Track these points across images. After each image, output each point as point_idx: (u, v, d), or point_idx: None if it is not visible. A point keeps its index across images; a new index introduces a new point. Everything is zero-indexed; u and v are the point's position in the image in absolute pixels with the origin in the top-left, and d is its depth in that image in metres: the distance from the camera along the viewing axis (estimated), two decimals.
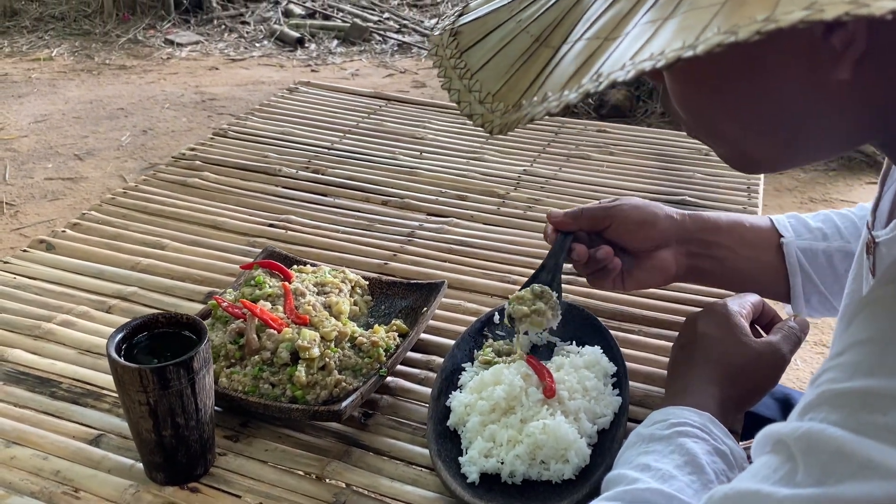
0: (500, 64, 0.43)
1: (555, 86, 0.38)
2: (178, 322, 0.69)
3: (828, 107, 0.46)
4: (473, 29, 0.49)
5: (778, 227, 0.84)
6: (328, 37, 4.76)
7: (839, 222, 0.85)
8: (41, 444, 0.73)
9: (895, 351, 0.35)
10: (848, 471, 0.32)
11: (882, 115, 0.46)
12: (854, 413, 0.34)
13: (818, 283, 0.83)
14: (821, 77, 0.44)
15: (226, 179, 1.23)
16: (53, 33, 4.70)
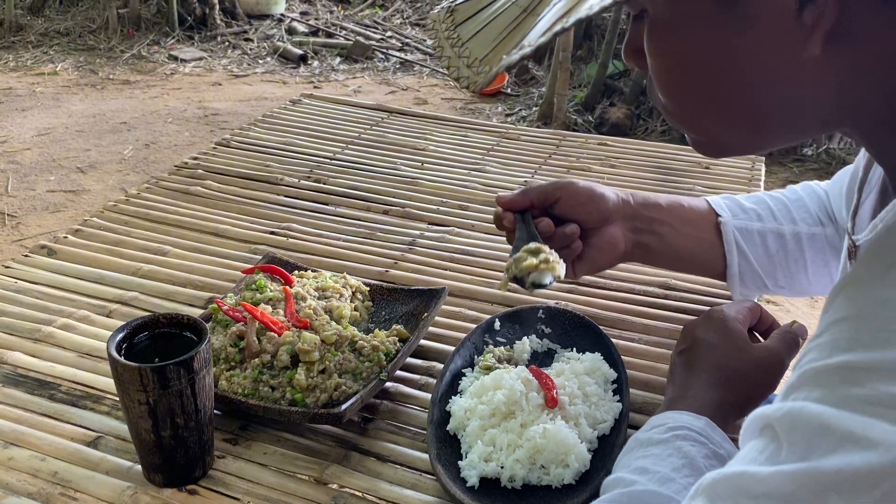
0: (490, 33, 0.46)
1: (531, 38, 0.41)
2: (179, 322, 0.69)
3: (801, 85, 0.47)
4: (469, 6, 0.51)
5: (714, 207, 0.87)
6: (331, 54, 4.79)
7: (772, 205, 0.88)
8: (39, 445, 0.73)
9: (869, 326, 0.35)
10: (830, 445, 0.33)
11: (853, 94, 0.47)
12: (834, 388, 0.35)
13: (753, 261, 0.86)
14: (794, 55, 0.46)
15: (227, 188, 1.24)
16: (58, 48, 4.73)
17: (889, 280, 0.36)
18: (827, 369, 0.36)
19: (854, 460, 0.31)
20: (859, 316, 0.36)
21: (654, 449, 0.60)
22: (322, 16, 5.40)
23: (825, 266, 0.87)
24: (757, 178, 1.30)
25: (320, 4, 5.61)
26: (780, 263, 0.87)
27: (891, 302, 0.35)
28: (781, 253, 0.86)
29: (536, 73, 4.31)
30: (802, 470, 0.33)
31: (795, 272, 0.87)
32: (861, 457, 0.31)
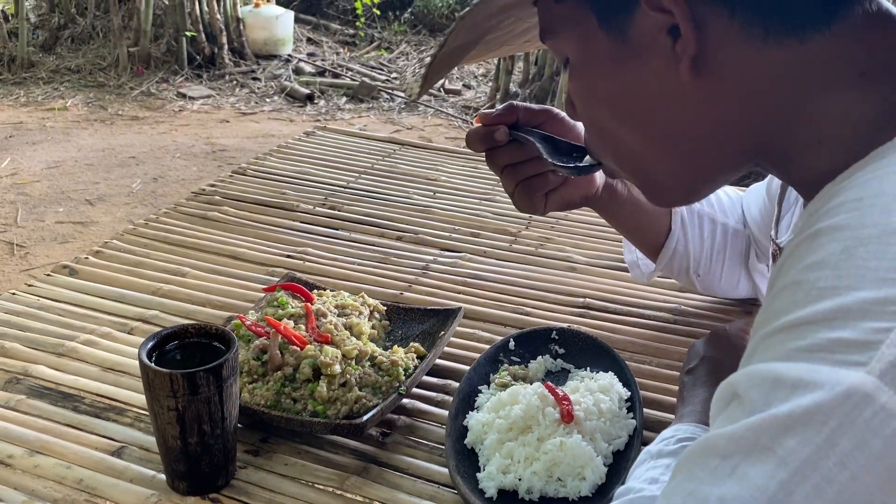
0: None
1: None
2: (207, 332, 0.71)
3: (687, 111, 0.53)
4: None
5: None
6: (337, 94, 4.87)
7: (712, 196, 0.93)
8: (64, 453, 0.74)
9: (802, 288, 0.39)
10: (784, 394, 0.36)
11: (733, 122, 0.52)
12: (781, 345, 0.38)
13: (689, 241, 0.91)
14: (675, 83, 0.51)
15: (244, 214, 1.26)
16: (68, 85, 4.81)
17: (811, 249, 0.40)
18: (773, 332, 0.39)
19: (802, 401, 0.35)
20: (793, 283, 0.40)
21: (665, 460, 0.62)
22: (328, 57, 5.51)
23: (738, 265, 0.94)
24: None
25: (327, 46, 5.72)
26: (707, 250, 0.92)
27: (815, 265, 0.39)
28: (710, 239, 0.92)
29: None
30: (761, 419, 0.36)
31: (714, 263, 0.93)
32: (809, 398, 0.34)
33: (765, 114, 0.51)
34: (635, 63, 0.52)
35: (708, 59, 0.49)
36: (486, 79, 5.19)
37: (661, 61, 0.51)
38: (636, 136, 0.56)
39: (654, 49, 0.51)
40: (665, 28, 0.50)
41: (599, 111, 0.58)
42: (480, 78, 5.30)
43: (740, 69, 0.49)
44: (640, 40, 0.52)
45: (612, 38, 0.53)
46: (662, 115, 0.54)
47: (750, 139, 0.53)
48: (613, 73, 0.54)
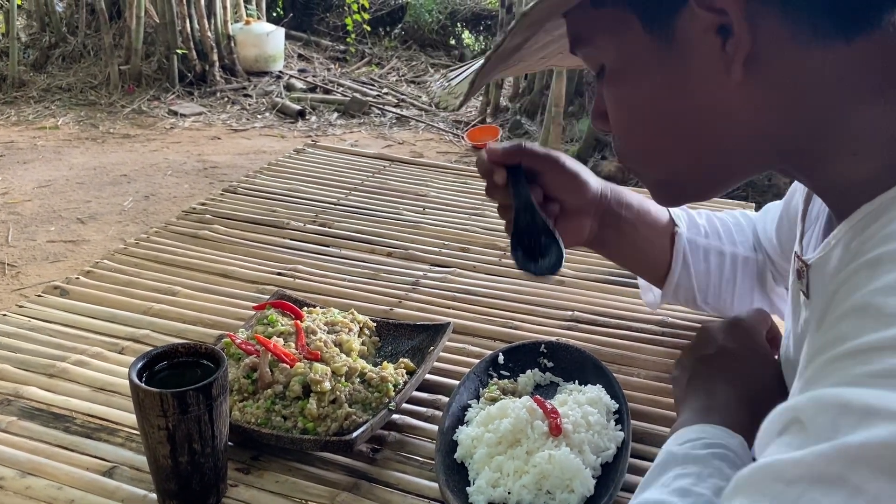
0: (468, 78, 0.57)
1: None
2: (197, 352, 0.71)
3: (736, 115, 0.52)
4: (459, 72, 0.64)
5: (674, 217, 0.92)
6: (328, 110, 4.90)
7: (718, 225, 0.94)
8: (56, 474, 0.74)
9: (870, 313, 0.39)
10: (853, 421, 0.35)
11: (779, 123, 0.52)
12: (847, 371, 0.37)
13: (692, 275, 0.91)
14: (724, 85, 0.51)
15: (235, 232, 1.27)
16: (59, 103, 4.82)
17: (875, 274, 0.40)
18: (838, 357, 0.39)
19: (878, 433, 0.34)
20: (858, 308, 0.40)
21: (693, 467, 0.58)
22: (320, 73, 5.53)
23: (750, 291, 0.93)
24: None
25: (318, 62, 5.75)
26: (714, 282, 0.92)
27: (882, 290, 0.39)
28: (718, 272, 0.92)
29: (529, 129, 4.41)
30: (831, 447, 0.35)
31: (724, 292, 0.92)
32: (884, 428, 0.34)
33: (804, 117, 0.51)
34: (680, 64, 0.52)
35: (758, 59, 0.49)
36: (477, 94, 5.22)
37: (707, 62, 0.51)
38: (673, 138, 0.56)
39: (700, 49, 0.51)
40: (714, 27, 0.49)
41: (638, 116, 0.57)
42: None
43: (788, 70, 0.49)
44: (686, 41, 0.51)
45: (656, 40, 0.53)
46: (705, 116, 0.54)
47: (785, 142, 0.53)
48: (657, 75, 0.54)
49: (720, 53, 0.50)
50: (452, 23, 6.21)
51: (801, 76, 0.49)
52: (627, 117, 0.58)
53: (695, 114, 0.54)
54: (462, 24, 6.25)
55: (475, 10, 6.19)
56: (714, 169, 0.58)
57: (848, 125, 0.49)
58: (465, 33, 6.25)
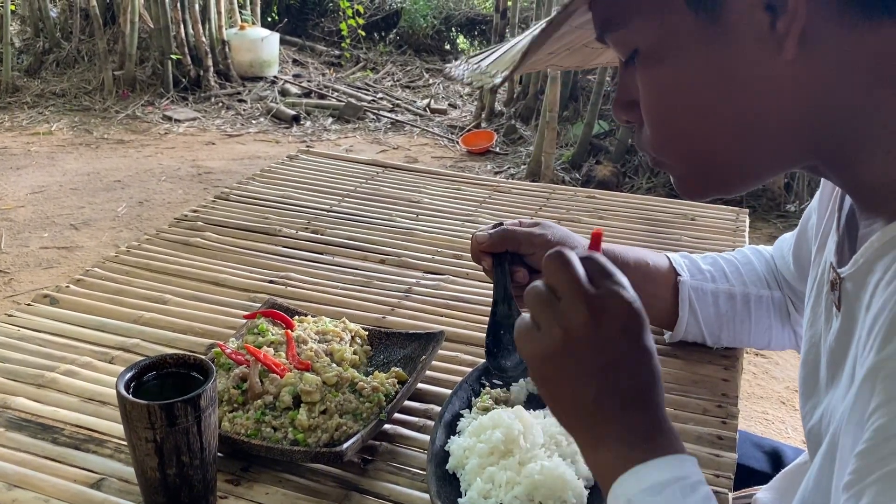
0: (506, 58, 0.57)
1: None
2: (186, 363, 0.70)
3: (782, 95, 0.51)
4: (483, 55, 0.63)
5: (675, 266, 0.92)
6: (323, 115, 4.89)
7: (726, 266, 0.93)
8: (43, 487, 0.74)
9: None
10: None
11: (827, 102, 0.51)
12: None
13: (700, 319, 0.91)
14: (774, 63, 0.50)
15: (227, 239, 1.26)
16: (53, 109, 4.81)
17: None
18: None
19: None
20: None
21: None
22: (314, 78, 5.53)
23: (768, 328, 0.92)
24: (742, 230, 1.34)
25: (312, 67, 5.75)
26: (727, 322, 0.91)
27: None
28: (730, 313, 0.91)
29: (524, 133, 4.41)
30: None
31: (739, 331, 0.92)
32: None
33: (845, 103, 0.50)
34: (727, 43, 0.51)
35: (811, 37, 0.48)
36: (472, 98, 5.22)
37: (756, 40, 0.50)
38: (715, 122, 0.54)
39: (748, 28, 0.50)
40: (762, 3, 0.48)
41: (678, 99, 0.55)
42: (466, 97, 5.34)
43: (836, 48, 0.49)
44: (733, 19, 0.50)
45: (701, 19, 0.51)
46: (750, 97, 0.52)
47: (825, 129, 0.52)
48: (701, 55, 0.52)
49: (769, 31, 0.49)
50: (447, 27, 6.22)
51: (848, 57, 0.49)
52: (667, 101, 0.56)
53: (739, 95, 0.52)
54: (457, 28, 6.25)
55: (470, 14, 6.20)
56: (750, 158, 0.56)
57: (885, 115, 0.49)
58: (460, 38, 6.25)
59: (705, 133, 0.55)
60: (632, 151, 3.82)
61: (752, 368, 2.42)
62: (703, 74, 0.53)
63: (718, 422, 0.84)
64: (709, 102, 0.54)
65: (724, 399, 0.88)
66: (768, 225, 3.33)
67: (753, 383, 2.36)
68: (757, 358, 2.47)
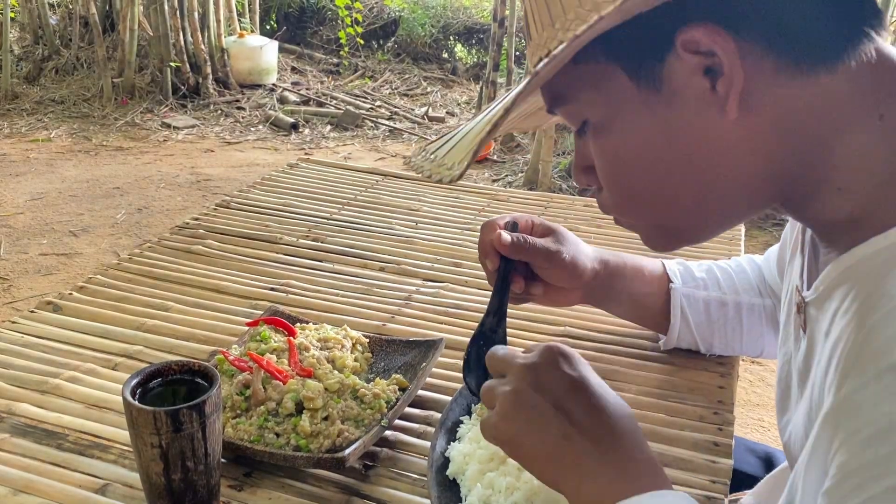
0: (462, 145, 0.56)
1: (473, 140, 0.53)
2: (191, 370, 0.72)
3: (730, 154, 0.53)
4: (439, 142, 0.61)
5: (669, 273, 0.94)
6: (321, 122, 4.91)
7: (719, 275, 0.95)
8: (48, 492, 0.74)
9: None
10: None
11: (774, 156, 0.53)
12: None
13: (692, 326, 0.93)
14: (717, 124, 0.51)
15: (228, 247, 1.28)
16: (52, 116, 4.82)
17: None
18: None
19: None
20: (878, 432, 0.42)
21: None
22: (313, 86, 5.55)
23: (760, 336, 0.93)
24: (737, 238, 1.36)
25: (311, 75, 5.77)
26: (719, 330, 0.93)
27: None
28: (721, 320, 0.93)
29: (522, 141, 4.43)
30: None
31: (731, 339, 0.94)
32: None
33: (796, 150, 0.51)
34: (671, 109, 0.52)
35: (748, 95, 0.50)
36: (469, 106, 5.25)
37: (698, 104, 0.51)
38: (670, 184, 0.55)
39: (689, 92, 0.51)
40: (700, 69, 0.50)
41: (630, 165, 0.56)
42: (464, 105, 5.36)
43: (776, 104, 0.50)
44: (674, 85, 0.51)
45: (643, 88, 0.52)
46: (701, 158, 0.53)
47: (780, 178, 0.53)
48: (647, 122, 0.54)
49: (710, 94, 0.50)
50: (445, 36, 6.25)
51: (788, 109, 0.50)
52: (619, 168, 0.57)
53: (689, 157, 0.53)
54: (455, 37, 6.28)
55: (467, 23, 6.23)
56: (712, 212, 0.57)
57: (835, 162, 0.50)
58: (458, 46, 6.28)
59: (663, 195, 0.57)
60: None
61: (748, 376, 2.43)
62: (653, 141, 0.54)
63: (714, 428, 0.85)
64: (661, 166, 0.55)
65: (720, 406, 0.89)
66: (764, 233, 3.35)
67: (749, 391, 2.37)
68: (753, 366, 2.49)
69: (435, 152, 0.59)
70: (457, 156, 0.55)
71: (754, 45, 0.49)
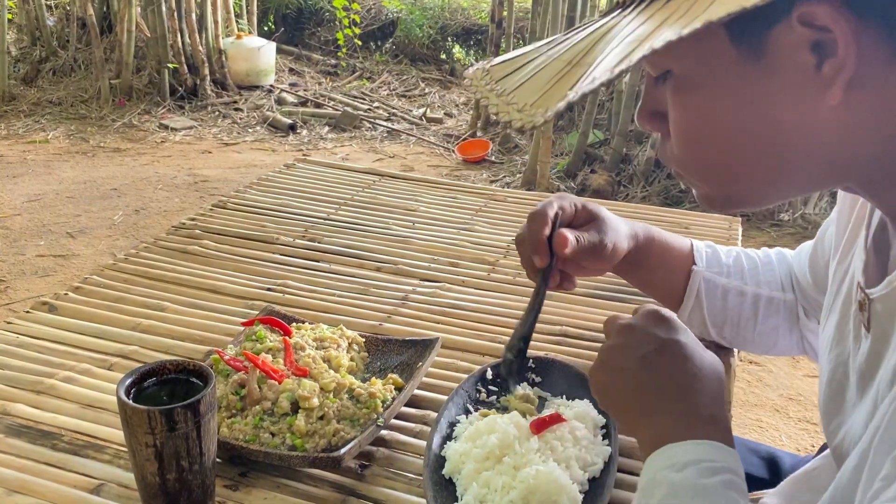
0: (536, 83, 0.50)
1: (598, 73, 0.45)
2: (186, 369, 0.71)
3: (820, 136, 0.50)
4: (504, 66, 0.55)
5: (696, 254, 0.93)
6: (319, 123, 4.91)
7: (745, 263, 0.94)
8: (43, 492, 0.74)
9: None
10: None
11: (869, 144, 0.50)
12: None
13: (705, 311, 0.92)
14: (814, 105, 0.49)
15: (225, 247, 1.27)
16: (50, 117, 4.81)
17: None
18: None
19: None
20: None
21: (702, 501, 0.55)
22: (311, 87, 5.55)
23: (773, 330, 0.92)
24: (734, 238, 1.35)
25: (309, 76, 5.77)
26: (732, 319, 0.92)
27: None
28: (737, 310, 0.92)
29: (519, 142, 4.43)
30: None
31: (743, 330, 0.93)
32: None
33: (888, 142, 0.49)
34: (767, 81, 0.49)
35: (856, 82, 0.47)
36: (467, 107, 5.25)
37: (799, 80, 0.48)
38: (745, 156, 0.53)
39: (792, 67, 0.48)
40: (808, 44, 0.47)
41: (710, 128, 0.54)
42: (462, 106, 5.36)
43: (884, 94, 0.48)
44: (777, 57, 0.48)
45: (744, 54, 0.50)
46: (786, 136, 0.51)
47: (866, 165, 0.51)
48: (739, 90, 0.51)
49: (814, 72, 0.48)
50: (443, 37, 6.25)
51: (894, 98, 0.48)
52: (698, 126, 0.55)
53: (777, 133, 0.51)
54: (452, 38, 6.28)
55: (465, 24, 6.23)
56: (780, 187, 0.55)
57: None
58: (456, 48, 6.28)
59: (736, 164, 0.54)
60: (626, 160, 3.84)
61: (746, 376, 2.43)
62: (739, 108, 0.52)
63: None
64: (741, 135, 0.53)
65: None
66: (762, 234, 3.35)
67: (748, 391, 2.37)
68: (751, 366, 2.49)
69: (501, 81, 0.53)
70: (528, 95, 0.49)
71: (875, 30, 0.46)
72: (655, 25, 0.45)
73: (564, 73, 0.48)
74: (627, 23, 0.48)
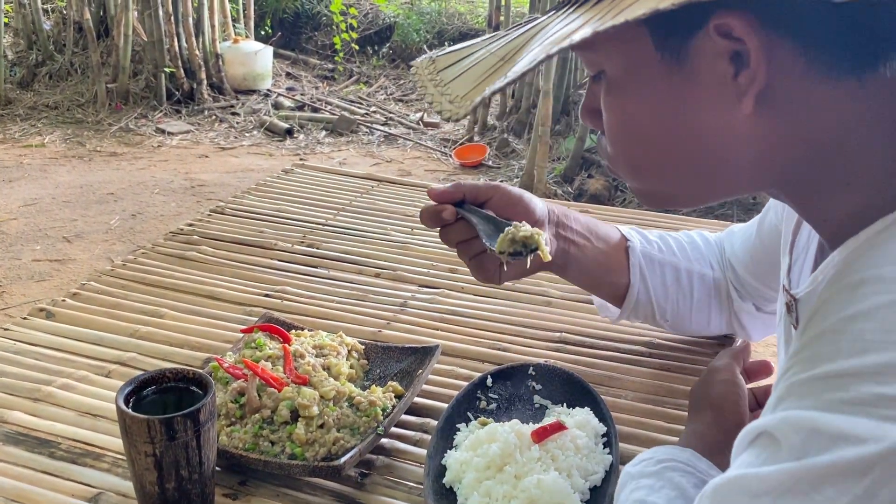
0: (470, 77, 0.52)
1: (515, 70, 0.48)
2: (185, 377, 0.71)
3: (736, 142, 0.52)
4: (448, 58, 0.58)
5: (624, 233, 0.93)
6: (316, 128, 4.90)
7: (672, 243, 0.95)
8: (40, 502, 0.74)
9: (845, 338, 0.40)
10: (823, 444, 0.37)
11: (783, 154, 0.52)
12: (821, 395, 0.39)
13: (651, 289, 0.92)
14: (731, 113, 0.51)
15: (222, 253, 1.27)
16: (46, 121, 4.80)
17: (854, 298, 0.41)
18: (812, 379, 0.40)
19: (845, 454, 0.36)
20: (833, 331, 0.40)
21: (646, 480, 0.63)
22: (308, 91, 5.55)
23: (707, 307, 0.94)
24: None
25: (306, 81, 5.77)
26: (673, 296, 0.93)
27: (860, 315, 0.40)
28: (675, 286, 0.93)
29: (516, 147, 4.43)
30: (798, 466, 0.37)
31: (681, 307, 0.94)
32: (851, 451, 0.36)
33: (807, 150, 0.51)
34: (688, 86, 0.51)
35: (769, 93, 0.49)
36: None
37: (717, 88, 0.50)
38: (669, 157, 0.55)
39: (711, 74, 0.50)
40: (727, 54, 0.48)
41: (635, 129, 0.56)
42: None
43: (797, 104, 0.49)
44: (697, 64, 0.50)
45: (666, 60, 0.52)
46: (706, 140, 0.53)
47: (784, 172, 0.53)
48: (660, 95, 0.53)
49: (731, 81, 0.49)
50: (440, 42, 6.25)
51: (809, 111, 0.49)
52: (624, 128, 0.57)
53: (695, 137, 0.53)
54: (449, 43, 6.29)
55: (462, 29, 6.24)
56: (707, 188, 0.57)
57: (847, 160, 0.50)
58: None
59: (658, 162, 0.57)
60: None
61: None
62: (662, 111, 0.54)
63: None
64: (665, 137, 0.55)
65: None
66: None
67: None
68: None
69: (442, 72, 0.55)
70: (461, 87, 0.51)
71: (789, 44, 0.47)
72: (581, 24, 0.46)
73: (496, 68, 0.50)
74: (558, 21, 0.50)
